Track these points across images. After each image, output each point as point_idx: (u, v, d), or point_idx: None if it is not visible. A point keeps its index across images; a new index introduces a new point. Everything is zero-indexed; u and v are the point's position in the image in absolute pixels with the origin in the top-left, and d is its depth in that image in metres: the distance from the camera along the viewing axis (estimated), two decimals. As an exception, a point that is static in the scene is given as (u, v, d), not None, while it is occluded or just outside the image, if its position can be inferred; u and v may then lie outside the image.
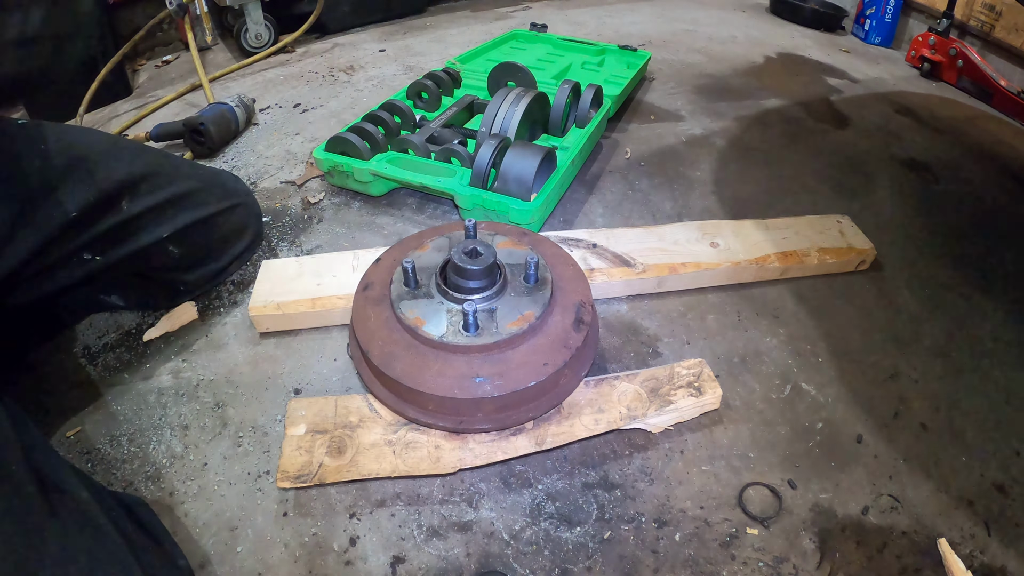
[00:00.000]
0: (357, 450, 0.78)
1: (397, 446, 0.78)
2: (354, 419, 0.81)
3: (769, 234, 1.13)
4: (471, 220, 0.88)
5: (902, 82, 2.02)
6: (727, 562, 0.72)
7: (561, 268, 0.89)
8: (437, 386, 0.74)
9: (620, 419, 0.82)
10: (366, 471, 0.76)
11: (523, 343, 0.78)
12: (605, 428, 0.82)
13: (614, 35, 2.29)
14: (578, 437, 0.81)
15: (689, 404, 0.85)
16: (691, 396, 0.85)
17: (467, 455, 0.78)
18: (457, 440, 0.79)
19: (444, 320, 0.78)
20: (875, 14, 2.31)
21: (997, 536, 0.77)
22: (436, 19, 2.45)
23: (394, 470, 0.76)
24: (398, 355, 0.77)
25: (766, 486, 0.80)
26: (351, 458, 0.77)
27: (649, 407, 0.84)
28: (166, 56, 2.02)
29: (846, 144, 1.59)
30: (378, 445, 0.78)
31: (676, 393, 0.86)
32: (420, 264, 0.86)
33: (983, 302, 1.11)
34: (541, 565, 0.71)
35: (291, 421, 0.81)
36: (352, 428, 0.80)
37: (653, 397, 0.85)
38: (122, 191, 0.88)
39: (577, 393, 0.84)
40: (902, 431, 0.88)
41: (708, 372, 0.89)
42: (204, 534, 0.73)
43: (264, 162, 1.42)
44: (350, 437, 0.79)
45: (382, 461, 0.77)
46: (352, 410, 0.82)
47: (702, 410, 0.86)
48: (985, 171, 1.52)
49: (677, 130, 1.62)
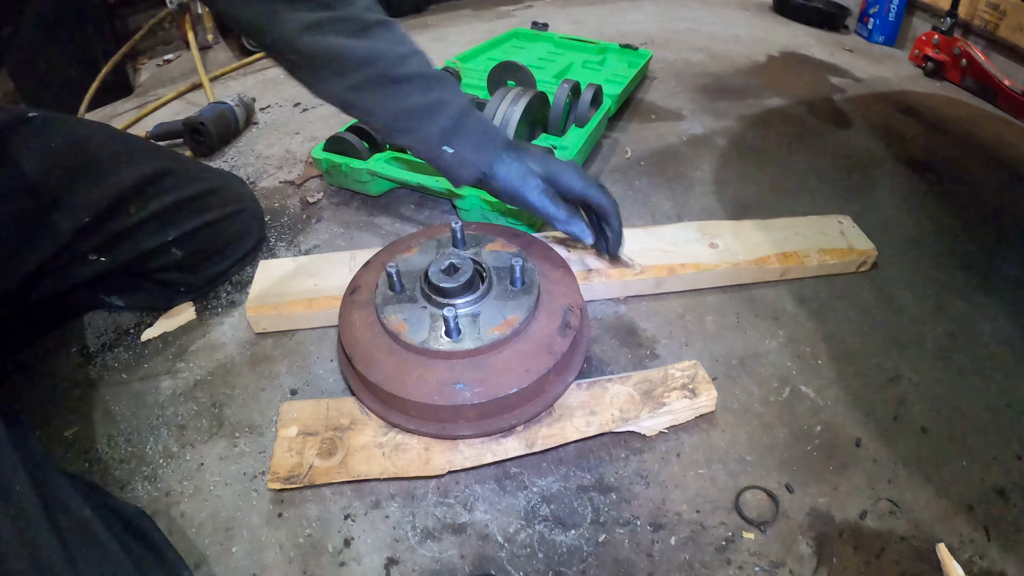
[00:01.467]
0: (347, 452, 0.78)
1: (387, 448, 0.78)
2: (345, 421, 0.81)
3: (769, 234, 1.13)
4: (458, 222, 0.88)
5: (905, 81, 2.01)
6: (723, 566, 0.71)
7: (550, 270, 0.88)
8: (417, 392, 0.74)
9: (612, 421, 0.82)
10: (355, 472, 0.76)
11: (506, 348, 0.77)
12: (597, 430, 0.81)
13: (615, 34, 2.28)
14: (569, 439, 0.80)
15: (683, 406, 0.84)
16: (685, 398, 0.85)
17: (456, 457, 0.78)
18: (447, 442, 0.79)
19: (427, 325, 0.78)
20: (879, 13, 2.30)
21: (997, 541, 0.76)
22: (437, 18, 2.44)
23: (383, 472, 0.76)
24: (380, 360, 0.76)
25: (763, 490, 0.79)
26: (341, 460, 0.77)
27: (642, 409, 0.83)
28: (167, 55, 2.03)
29: (848, 144, 1.58)
30: (368, 447, 0.78)
31: (670, 395, 0.85)
32: (407, 267, 0.86)
33: (986, 304, 1.10)
34: (535, 568, 0.71)
35: (283, 423, 0.81)
36: (343, 430, 0.80)
37: (646, 399, 0.85)
38: (131, 195, 0.88)
39: (569, 395, 0.84)
40: (902, 434, 0.88)
41: (703, 374, 0.88)
42: (200, 534, 0.73)
43: (263, 161, 1.42)
44: (340, 439, 0.79)
45: (372, 463, 0.77)
46: (344, 412, 0.82)
47: (697, 412, 0.86)
48: (989, 172, 1.51)
49: (678, 129, 1.62)
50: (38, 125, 0.82)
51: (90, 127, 0.90)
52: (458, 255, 0.82)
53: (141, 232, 0.90)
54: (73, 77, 1.61)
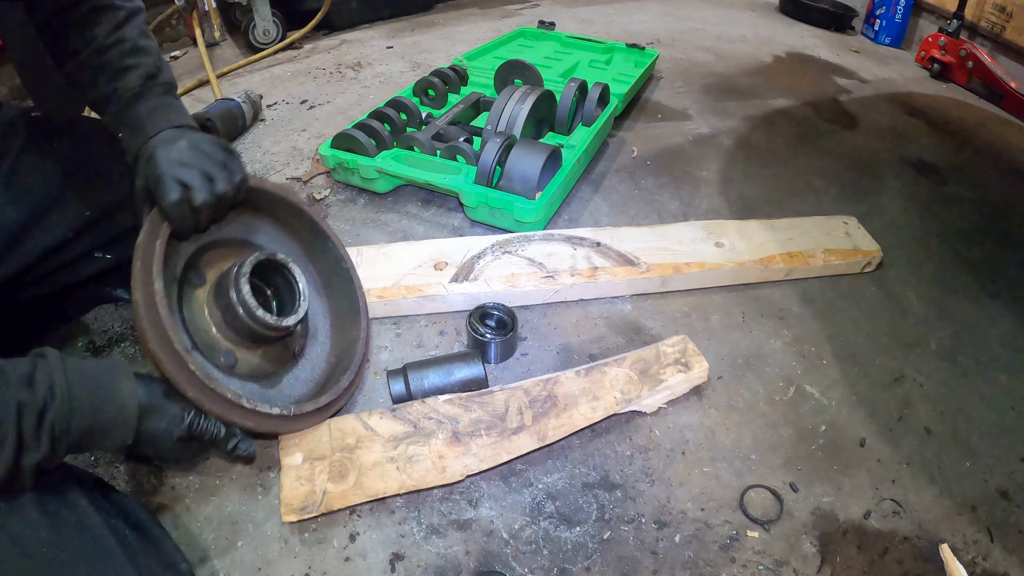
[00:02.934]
0: (360, 471, 0.75)
1: (400, 461, 0.76)
2: (351, 440, 0.78)
3: (775, 234, 1.13)
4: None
5: (911, 83, 2.01)
6: (727, 564, 0.72)
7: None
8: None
9: (616, 404, 0.83)
10: (372, 492, 0.74)
11: None
12: (603, 414, 0.83)
13: (622, 33, 2.28)
14: (578, 427, 0.81)
15: (679, 380, 0.87)
16: (680, 372, 0.87)
17: (472, 461, 0.77)
18: (459, 446, 0.78)
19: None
20: (885, 14, 2.29)
21: (1000, 542, 0.76)
22: (444, 16, 2.44)
23: (401, 486, 0.75)
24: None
25: (768, 488, 0.79)
26: (355, 480, 0.75)
27: (642, 388, 0.85)
28: (174, 52, 2.03)
29: (854, 145, 1.58)
30: (380, 463, 0.76)
31: (665, 371, 0.87)
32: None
33: (990, 306, 1.10)
34: (540, 564, 0.71)
35: (285, 451, 0.77)
36: (351, 450, 0.77)
37: (644, 378, 0.86)
38: (135, 196, 0.87)
39: (570, 383, 0.85)
40: (906, 435, 0.88)
41: (692, 347, 0.90)
42: (205, 529, 0.73)
43: (270, 158, 1.42)
44: (350, 459, 0.76)
45: (387, 479, 0.75)
46: (347, 431, 0.79)
47: (691, 384, 0.88)
48: (994, 174, 1.51)
49: (684, 129, 1.62)
50: (43, 123, 0.82)
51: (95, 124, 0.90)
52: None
53: None
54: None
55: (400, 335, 0.98)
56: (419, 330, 0.99)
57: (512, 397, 0.83)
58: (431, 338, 0.97)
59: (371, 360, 0.94)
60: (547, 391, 0.84)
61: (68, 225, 0.81)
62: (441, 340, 0.97)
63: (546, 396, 0.83)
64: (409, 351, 0.95)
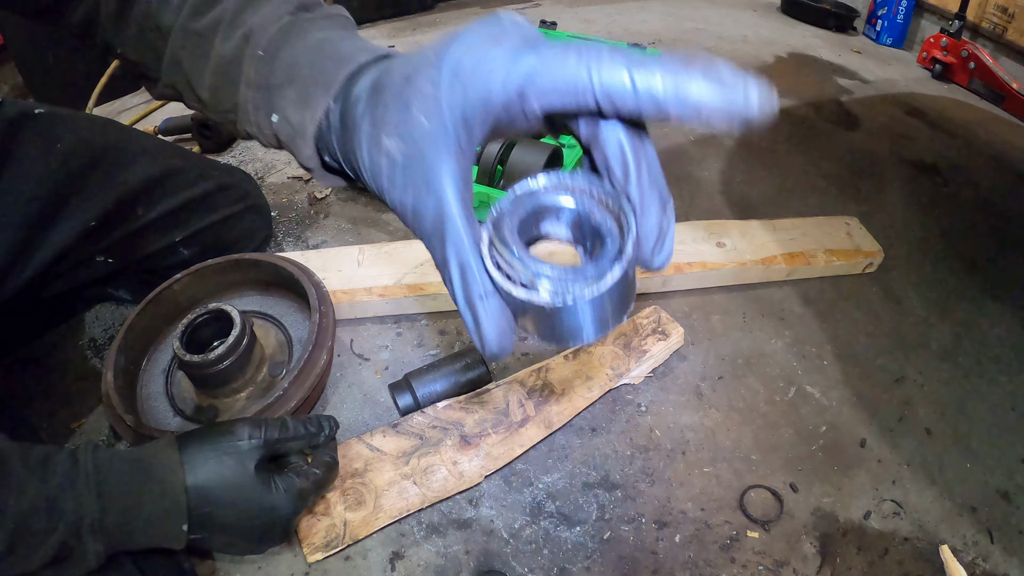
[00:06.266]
0: (377, 494, 0.74)
1: (416, 475, 0.75)
2: (359, 465, 0.76)
3: (776, 235, 1.13)
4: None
5: (913, 84, 2.00)
6: (727, 565, 0.72)
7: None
8: None
9: (609, 380, 0.87)
10: (395, 512, 0.73)
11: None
12: (600, 393, 0.86)
13: (624, 33, 2.28)
14: (579, 408, 0.84)
15: (660, 348, 0.91)
16: (660, 340, 0.91)
17: (486, 460, 0.78)
18: (471, 449, 0.78)
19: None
20: (887, 15, 2.29)
21: (1000, 544, 0.76)
22: (446, 15, 2.44)
23: (424, 501, 0.74)
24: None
25: (768, 489, 0.79)
26: (374, 504, 0.73)
27: (629, 361, 0.89)
28: (176, 50, 2.03)
29: (855, 145, 1.58)
30: (396, 482, 0.75)
31: (646, 342, 0.91)
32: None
33: (992, 307, 1.10)
34: (540, 563, 0.71)
35: None
36: (361, 474, 0.75)
37: (629, 351, 0.90)
38: (139, 197, 0.87)
39: (561, 368, 0.87)
40: (906, 436, 0.88)
41: (666, 315, 0.95)
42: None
43: (271, 156, 1.42)
44: (364, 484, 0.74)
45: (407, 496, 0.74)
46: (352, 456, 0.77)
47: (671, 350, 0.93)
48: (996, 175, 1.50)
49: (685, 129, 1.61)
50: (45, 122, 0.81)
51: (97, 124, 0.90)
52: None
53: (148, 233, 0.90)
54: (81, 71, 1.61)
55: (401, 334, 0.98)
56: (420, 329, 0.99)
57: (510, 391, 0.84)
58: (432, 337, 0.98)
59: (371, 360, 0.94)
60: (542, 380, 0.86)
61: (71, 232, 0.81)
62: (442, 340, 0.97)
63: (542, 384, 0.85)
64: (410, 350, 0.96)
